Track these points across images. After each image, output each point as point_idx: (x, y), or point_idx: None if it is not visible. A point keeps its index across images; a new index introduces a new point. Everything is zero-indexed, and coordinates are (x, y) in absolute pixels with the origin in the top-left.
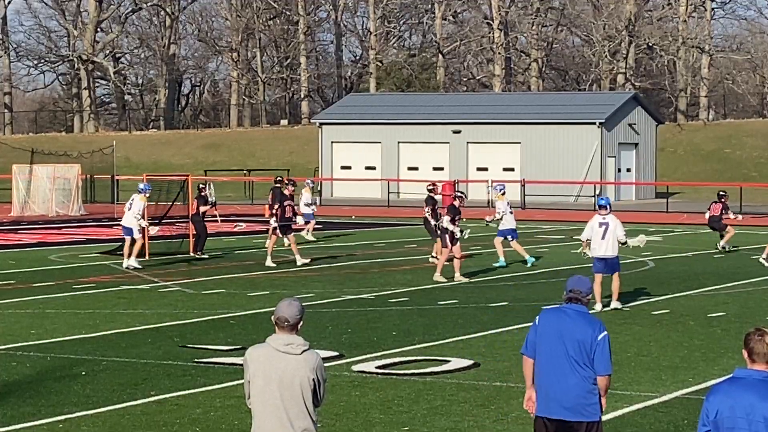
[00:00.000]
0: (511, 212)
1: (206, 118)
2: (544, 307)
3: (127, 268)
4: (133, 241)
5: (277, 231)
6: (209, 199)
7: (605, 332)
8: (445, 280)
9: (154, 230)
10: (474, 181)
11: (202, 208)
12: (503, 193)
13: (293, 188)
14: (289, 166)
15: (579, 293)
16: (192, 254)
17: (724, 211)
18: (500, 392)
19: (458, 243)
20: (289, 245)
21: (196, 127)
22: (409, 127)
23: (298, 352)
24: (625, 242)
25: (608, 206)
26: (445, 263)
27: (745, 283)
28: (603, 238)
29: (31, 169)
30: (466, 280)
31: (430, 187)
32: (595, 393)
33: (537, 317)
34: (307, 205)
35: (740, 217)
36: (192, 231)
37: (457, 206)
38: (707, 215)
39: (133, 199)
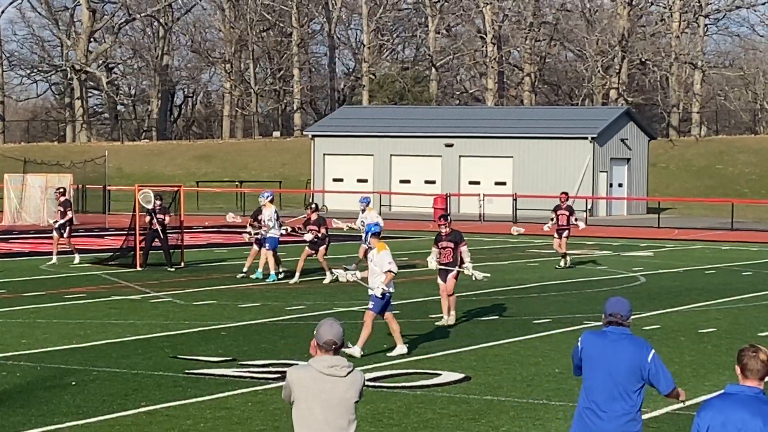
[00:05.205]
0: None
1: (199, 129)
2: (585, 331)
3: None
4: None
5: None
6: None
7: (653, 350)
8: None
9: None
10: (466, 194)
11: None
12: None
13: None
14: (281, 178)
15: (620, 317)
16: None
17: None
18: (491, 406)
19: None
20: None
21: (188, 138)
22: (401, 140)
23: (344, 374)
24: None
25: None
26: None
27: (736, 299)
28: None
29: (24, 178)
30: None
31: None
32: (638, 420)
33: (579, 340)
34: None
35: (582, 224)
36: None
37: None
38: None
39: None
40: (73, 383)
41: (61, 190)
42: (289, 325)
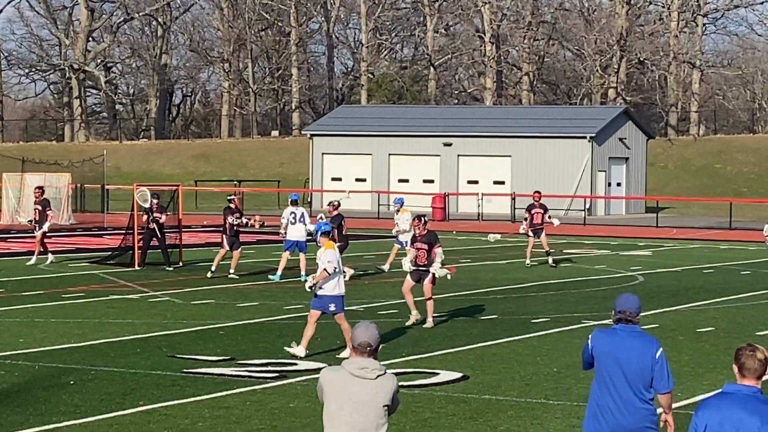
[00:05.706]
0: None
1: (197, 128)
2: (596, 329)
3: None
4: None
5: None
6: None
7: (661, 348)
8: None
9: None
10: (464, 194)
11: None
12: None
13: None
14: (280, 178)
15: (630, 314)
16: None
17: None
18: (489, 405)
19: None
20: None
21: (186, 137)
22: (399, 139)
23: (373, 376)
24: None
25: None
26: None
27: (734, 299)
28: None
29: (22, 177)
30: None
31: (230, 197)
32: (654, 418)
33: (589, 338)
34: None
35: (556, 221)
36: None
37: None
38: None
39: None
40: (71, 382)
41: (41, 188)
42: (288, 325)
